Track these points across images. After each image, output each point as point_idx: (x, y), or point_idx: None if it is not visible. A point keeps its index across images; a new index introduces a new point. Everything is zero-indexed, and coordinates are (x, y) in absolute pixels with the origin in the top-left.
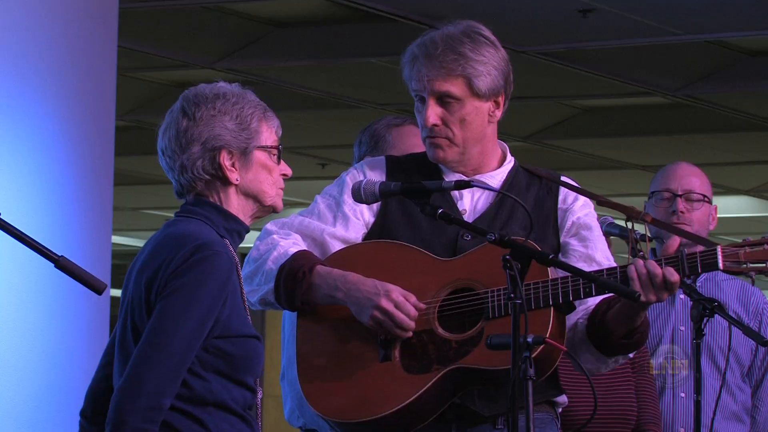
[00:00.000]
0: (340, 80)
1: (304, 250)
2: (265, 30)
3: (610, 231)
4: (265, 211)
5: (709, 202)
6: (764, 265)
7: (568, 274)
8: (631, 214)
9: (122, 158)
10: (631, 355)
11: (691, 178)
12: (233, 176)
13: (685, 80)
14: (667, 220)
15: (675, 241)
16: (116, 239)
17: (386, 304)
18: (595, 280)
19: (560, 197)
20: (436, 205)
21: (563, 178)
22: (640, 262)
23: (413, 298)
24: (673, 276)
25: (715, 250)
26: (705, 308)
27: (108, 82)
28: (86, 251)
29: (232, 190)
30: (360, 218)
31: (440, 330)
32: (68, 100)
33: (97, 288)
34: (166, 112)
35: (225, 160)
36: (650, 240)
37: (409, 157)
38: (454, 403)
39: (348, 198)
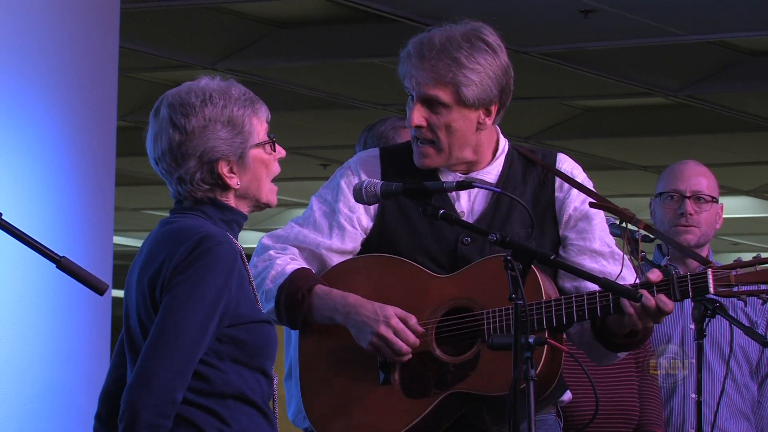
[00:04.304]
0: (340, 80)
1: (301, 268)
2: (265, 30)
3: (612, 231)
4: (260, 208)
5: (717, 201)
6: (755, 288)
7: (563, 296)
8: (624, 218)
9: (123, 159)
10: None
11: (700, 178)
12: (233, 182)
13: (686, 80)
14: (674, 221)
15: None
16: (117, 239)
17: (385, 331)
18: (597, 281)
19: (557, 183)
20: (438, 206)
21: (559, 159)
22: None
23: (413, 320)
24: (667, 306)
25: (706, 274)
26: (707, 309)
27: (109, 83)
28: (88, 252)
29: (231, 193)
30: (357, 227)
31: (438, 352)
32: (70, 101)
33: (98, 288)
34: (150, 114)
35: (223, 169)
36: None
37: (404, 147)
38: (461, 420)
39: (343, 206)
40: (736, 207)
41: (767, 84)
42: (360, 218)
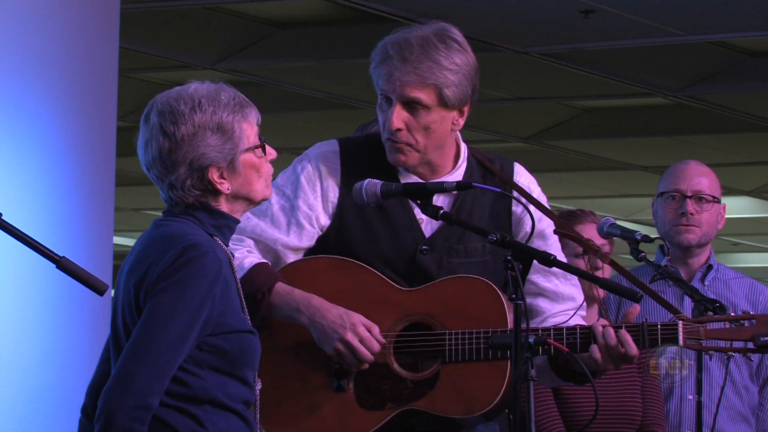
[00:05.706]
0: (340, 81)
1: (260, 263)
2: (266, 30)
3: (611, 232)
4: (256, 204)
5: (718, 201)
6: (724, 345)
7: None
8: (587, 249)
9: (123, 159)
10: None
11: (701, 178)
12: (224, 187)
13: (686, 81)
14: (675, 221)
15: (636, 309)
16: (118, 240)
17: (351, 338)
18: (596, 281)
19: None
20: (438, 206)
21: (516, 171)
22: (600, 331)
23: (376, 330)
24: (632, 350)
25: (677, 325)
26: (707, 309)
27: (109, 83)
28: (88, 252)
29: (222, 197)
30: (315, 226)
31: (396, 366)
32: (70, 101)
33: (98, 288)
34: (141, 118)
35: (214, 175)
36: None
37: (364, 144)
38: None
39: (302, 204)
40: (736, 207)
41: (767, 84)
42: (318, 217)
